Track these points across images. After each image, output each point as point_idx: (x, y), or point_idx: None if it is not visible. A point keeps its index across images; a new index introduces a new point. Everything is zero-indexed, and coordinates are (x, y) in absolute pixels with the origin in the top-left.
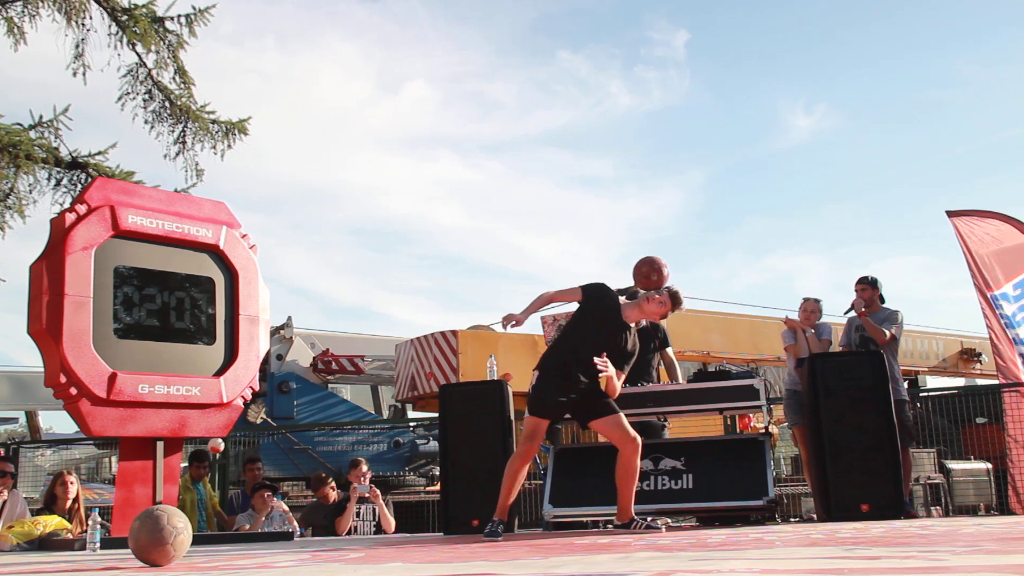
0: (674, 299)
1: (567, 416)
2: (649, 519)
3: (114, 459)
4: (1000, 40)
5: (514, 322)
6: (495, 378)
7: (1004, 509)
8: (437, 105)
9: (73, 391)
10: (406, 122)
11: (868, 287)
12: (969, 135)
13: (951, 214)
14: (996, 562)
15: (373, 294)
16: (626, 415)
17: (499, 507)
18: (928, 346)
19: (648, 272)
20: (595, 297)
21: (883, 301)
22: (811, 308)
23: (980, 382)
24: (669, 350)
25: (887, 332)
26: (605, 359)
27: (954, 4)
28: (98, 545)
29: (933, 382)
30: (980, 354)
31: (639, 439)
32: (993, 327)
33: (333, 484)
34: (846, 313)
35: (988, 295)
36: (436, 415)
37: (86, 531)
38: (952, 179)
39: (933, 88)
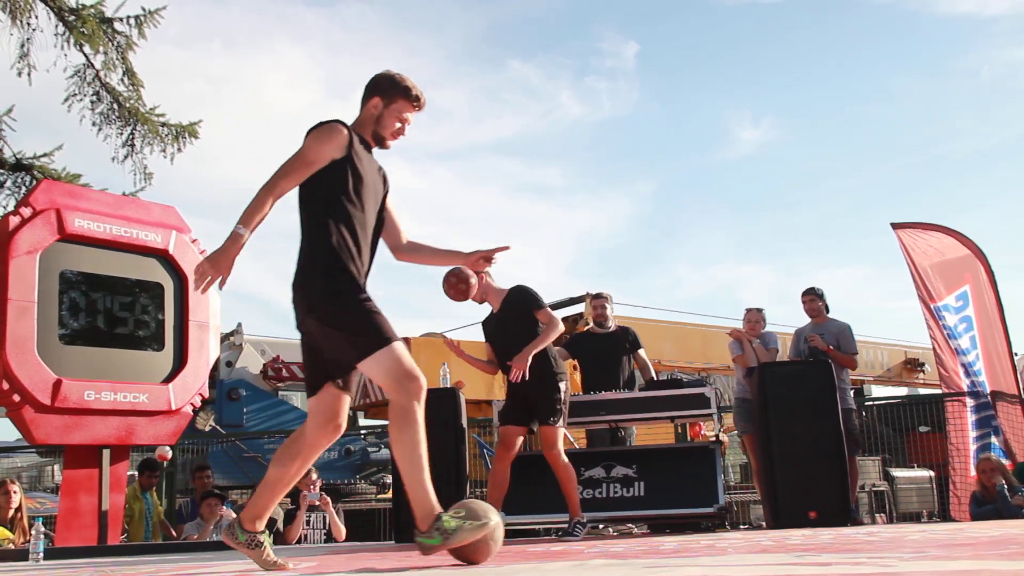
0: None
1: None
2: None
3: (58, 467)
4: (936, 56)
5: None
6: (448, 386)
7: (946, 516)
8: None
9: (16, 398)
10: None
11: (815, 298)
12: (908, 148)
13: (895, 226)
14: (943, 568)
15: None
16: (580, 423)
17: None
18: (873, 356)
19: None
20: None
21: (828, 311)
22: (754, 318)
23: (923, 391)
24: (641, 352)
25: (855, 357)
26: (515, 367)
27: (894, 22)
28: (41, 555)
29: (878, 391)
30: (924, 364)
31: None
32: (936, 338)
33: None
34: (804, 345)
35: (931, 306)
36: (387, 423)
37: (29, 541)
38: (892, 191)
39: (873, 102)
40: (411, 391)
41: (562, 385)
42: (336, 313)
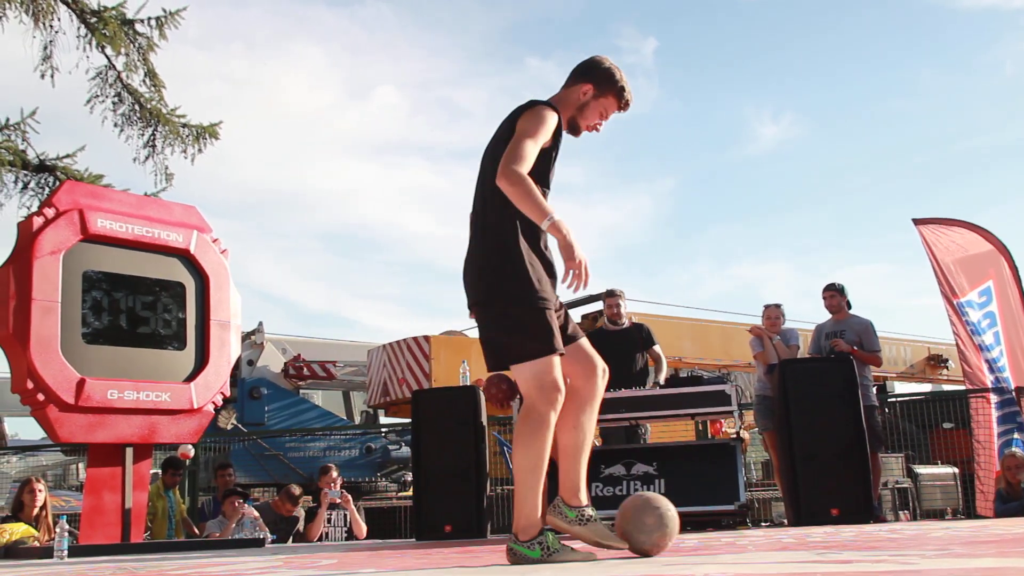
0: None
1: None
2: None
3: (82, 466)
4: (960, 51)
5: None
6: (468, 384)
7: (970, 513)
8: (406, 111)
9: (40, 397)
10: (375, 128)
11: (836, 293)
12: (930, 144)
13: (917, 222)
14: (966, 565)
15: (343, 300)
16: (600, 420)
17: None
18: (896, 352)
19: None
20: None
21: (850, 307)
22: (774, 314)
23: (947, 387)
24: (656, 347)
25: (879, 354)
26: None
27: (917, 17)
28: (66, 553)
29: (901, 388)
30: (947, 360)
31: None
32: (960, 334)
33: (295, 501)
34: (825, 341)
35: (954, 302)
36: (408, 421)
37: (54, 539)
38: (914, 187)
39: (895, 98)
40: (553, 400)
41: None
42: (506, 314)
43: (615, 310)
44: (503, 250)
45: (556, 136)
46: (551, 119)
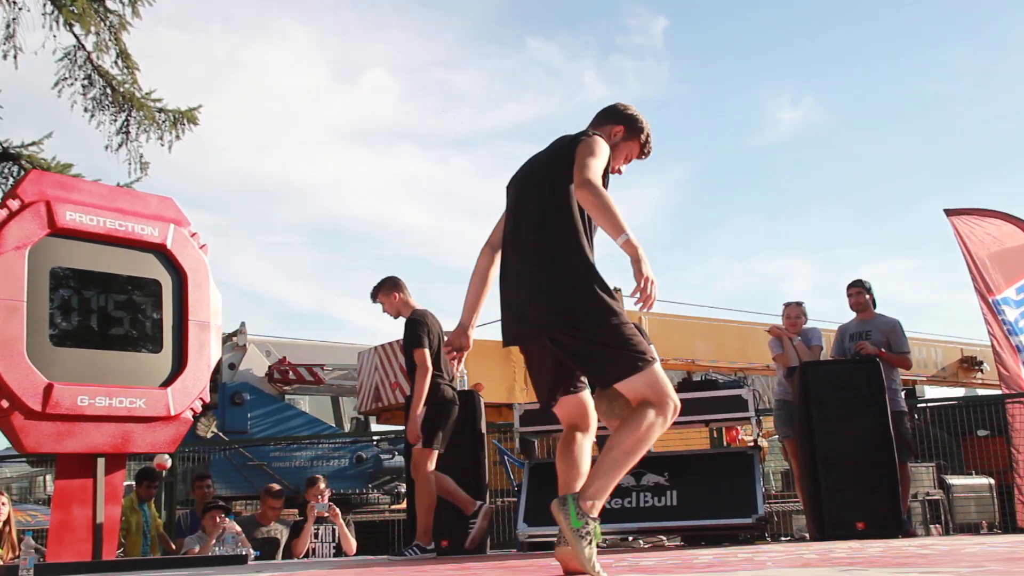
0: None
1: None
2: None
3: (50, 478)
4: (998, 32)
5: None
6: (465, 388)
7: (1009, 527)
8: (398, 96)
9: (4, 404)
10: (365, 114)
11: (862, 290)
12: (964, 130)
13: (949, 212)
14: None
15: (331, 299)
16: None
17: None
18: (926, 354)
19: None
20: None
21: (875, 305)
22: (795, 313)
23: (982, 392)
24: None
25: (908, 356)
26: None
27: None
28: (31, 572)
29: (932, 392)
30: (982, 362)
31: None
32: (995, 334)
33: (279, 495)
34: (850, 343)
35: (989, 299)
36: (402, 428)
37: (18, 557)
38: (946, 177)
39: (926, 81)
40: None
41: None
42: (607, 326)
43: None
44: (588, 267)
45: (607, 168)
46: (607, 149)
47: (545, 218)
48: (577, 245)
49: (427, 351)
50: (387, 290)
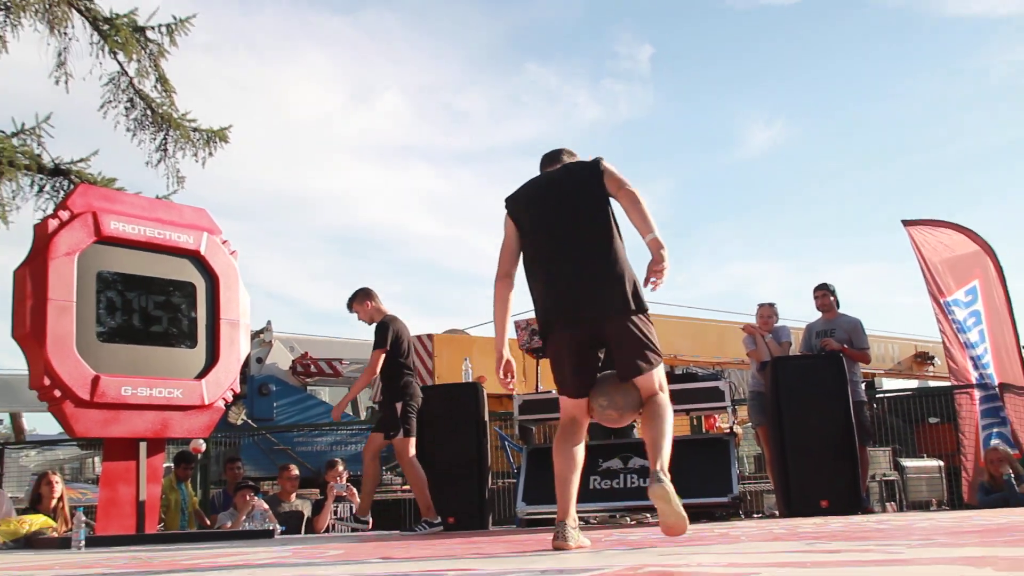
0: None
1: None
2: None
3: (98, 459)
4: (947, 58)
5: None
6: (470, 380)
7: (956, 504)
8: (410, 116)
9: (57, 393)
10: (379, 132)
11: (826, 293)
12: (918, 147)
13: (906, 223)
14: (948, 554)
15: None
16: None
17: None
18: (884, 350)
19: None
20: None
21: (839, 306)
22: (767, 313)
23: (933, 384)
24: None
25: (867, 351)
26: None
27: (905, 24)
28: (83, 543)
29: (889, 384)
30: (933, 357)
31: None
32: (946, 332)
33: (294, 479)
34: (816, 340)
35: (941, 301)
36: None
37: (71, 529)
38: (903, 189)
39: (884, 102)
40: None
41: (399, 404)
42: (647, 324)
43: None
44: (628, 265)
45: None
46: None
47: (596, 225)
48: (623, 249)
49: (383, 354)
50: (360, 299)
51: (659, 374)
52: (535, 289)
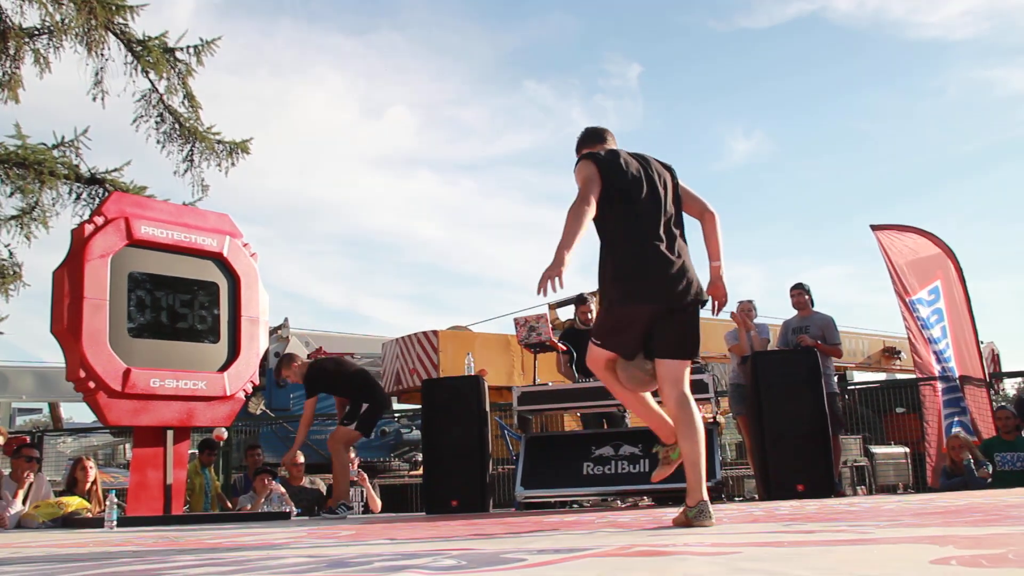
0: None
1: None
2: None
3: (128, 446)
4: (909, 78)
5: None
6: (472, 374)
7: (920, 487)
8: (416, 129)
9: (92, 385)
10: (388, 144)
11: (801, 292)
12: (885, 159)
13: (875, 228)
14: (914, 534)
15: (360, 299)
16: (587, 407)
17: None
18: (855, 345)
19: None
20: None
21: (813, 304)
22: (747, 307)
23: (900, 376)
24: None
25: (839, 346)
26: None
27: (872, 47)
28: (115, 523)
29: (859, 376)
30: (900, 352)
31: None
32: (911, 328)
33: (300, 464)
34: (792, 336)
35: (906, 300)
36: (419, 407)
37: (104, 510)
38: (872, 198)
39: (855, 120)
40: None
41: (366, 404)
42: (698, 316)
43: (584, 316)
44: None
45: None
46: None
47: (681, 222)
48: (683, 241)
49: (314, 402)
50: (285, 366)
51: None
52: (620, 252)
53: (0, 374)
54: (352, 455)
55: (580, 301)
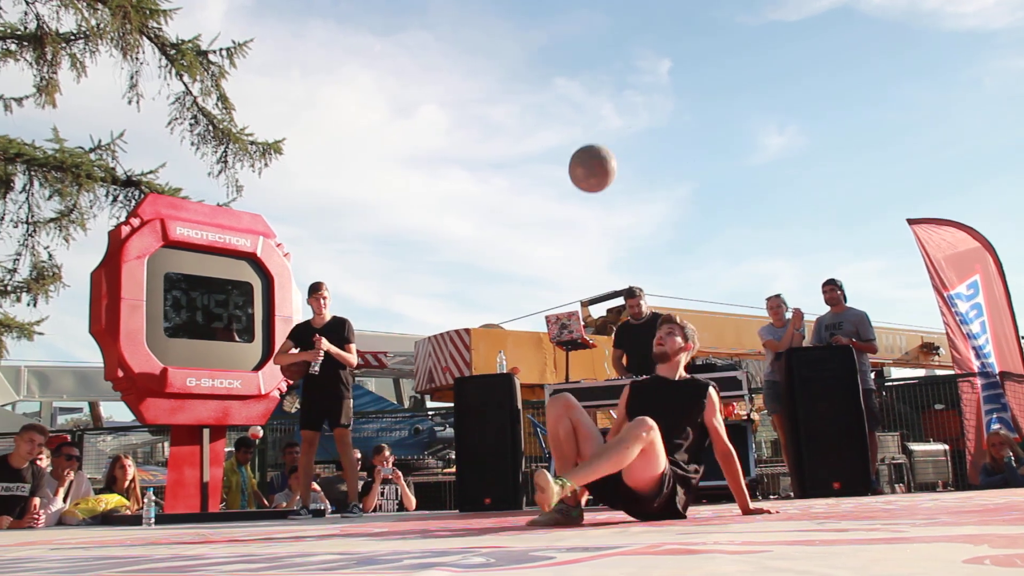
0: None
1: None
2: None
3: (166, 444)
4: (944, 69)
5: None
6: (504, 371)
7: (960, 485)
8: (447, 127)
9: (129, 384)
10: (419, 143)
11: (834, 288)
12: (920, 153)
13: (911, 222)
14: (949, 533)
15: (392, 297)
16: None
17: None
18: (892, 341)
19: None
20: None
21: (846, 300)
22: (775, 304)
23: (938, 372)
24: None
25: (874, 342)
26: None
27: (907, 38)
28: (152, 520)
29: (897, 373)
30: (938, 348)
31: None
32: (949, 323)
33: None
34: (825, 332)
35: (944, 295)
36: (451, 405)
37: (142, 508)
38: (907, 192)
39: (888, 113)
40: None
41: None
42: None
43: (636, 309)
44: None
45: None
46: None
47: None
48: None
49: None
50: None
51: None
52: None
53: (41, 374)
54: (388, 453)
55: (629, 295)
